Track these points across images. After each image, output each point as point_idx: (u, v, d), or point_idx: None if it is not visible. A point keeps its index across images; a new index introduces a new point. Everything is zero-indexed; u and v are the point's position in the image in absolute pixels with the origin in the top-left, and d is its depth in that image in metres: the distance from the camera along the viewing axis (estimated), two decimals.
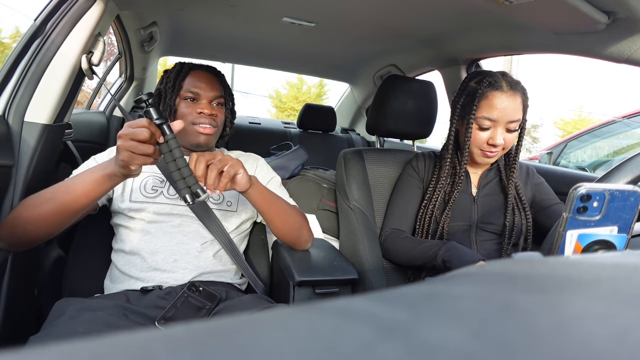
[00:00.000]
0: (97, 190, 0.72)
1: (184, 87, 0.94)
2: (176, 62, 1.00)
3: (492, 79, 0.95)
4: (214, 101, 0.96)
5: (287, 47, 1.83)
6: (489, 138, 0.96)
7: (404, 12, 1.23)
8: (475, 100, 0.95)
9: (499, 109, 0.93)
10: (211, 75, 0.98)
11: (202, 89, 0.94)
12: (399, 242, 1.04)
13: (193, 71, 0.97)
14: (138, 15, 1.34)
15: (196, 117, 0.93)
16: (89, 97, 2.09)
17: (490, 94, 0.94)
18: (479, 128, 0.96)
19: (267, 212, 0.90)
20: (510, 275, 0.20)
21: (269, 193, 0.90)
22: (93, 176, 0.72)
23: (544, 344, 0.11)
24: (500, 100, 0.93)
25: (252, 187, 0.84)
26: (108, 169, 0.71)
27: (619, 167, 0.65)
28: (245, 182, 0.81)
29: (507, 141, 0.96)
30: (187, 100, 0.94)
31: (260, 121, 2.52)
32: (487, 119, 0.94)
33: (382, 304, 0.15)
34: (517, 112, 0.94)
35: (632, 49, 0.90)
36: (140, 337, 0.12)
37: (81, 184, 0.72)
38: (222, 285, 0.90)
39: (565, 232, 0.50)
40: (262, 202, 0.88)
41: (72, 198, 0.72)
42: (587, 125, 4.66)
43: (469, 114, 0.96)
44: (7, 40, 11.62)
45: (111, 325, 0.69)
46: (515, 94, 0.94)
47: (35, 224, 0.73)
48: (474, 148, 0.99)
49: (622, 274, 0.18)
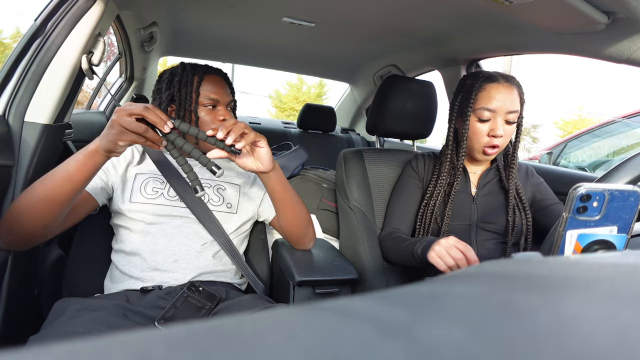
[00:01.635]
0: (81, 171, 0.71)
1: (202, 93, 0.94)
2: (183, 64, 0.98)
3: (488, 74, 0.98)
4: (228, 106, 0.97)
5: (287, 47, 1.84)
6: (489, 130, 0.96)
7: (404, 12, 1.24)
8: (472, 94, 0.97)
9: (497, 99, 0.95)
10: (223, 79, 0.99)
11: (220, 95, 0.95)
12: (389, 242, 1.05)
13: (208, 76, 0.96)
14: (138, 15, 1.34)
15: (218, 125, 0.93)
16: (89, 97, 2.09)
17: (488, 85, 0.96)
18: (478, 120, 0.97)
19: (283, 200, 0.92)
20: (510, 275, 0.20)
21: (286, 181, 0.92)
22: (76, 157, 0.71)
23: (544, 344, 0.11)
24: (498, 91, 0.95)
25: (274, 170, 0.86)
26: (91, 146, 0.70)
27: (619, 167, 0.66)
28: (269, 159, 0.82)
29: (506, 134, 0.97)
30: (207, 107, 0.94)
31: (260, 121, 2.52)
32: (486, 109, 0.95)
33: (382, 304, 0.15)
34: (514, 102, 0.96)
35: (632, 49, 0.90)
36: (140, 337, 0.12)
37: (65, 166, 0.71)
38: (222, 285, 0.90)
39: (565, 232, 0.50)
40: (280, 189, 0.89)
41: (57, 182, 0.71)
42: (587, 125, 4.66)
43: (467, 107, 0.97)
44: (7, 40, 11.63)
45: (111, 325, 0.69)
46: (511, 86, 0.96)
47: (29, 216, 0.72)
48: (474, 144, 0.99)
49: (622, 274, 0.18)
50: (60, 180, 0.71)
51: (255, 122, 2.48)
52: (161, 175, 0.93)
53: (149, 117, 0.68)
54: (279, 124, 2.61)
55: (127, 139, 0.68)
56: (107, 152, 0.70)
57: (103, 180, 0.89)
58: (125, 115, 0.67)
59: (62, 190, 0.71)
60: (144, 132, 0.68)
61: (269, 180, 0.87)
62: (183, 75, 0.95)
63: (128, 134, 0.67)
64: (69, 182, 0.71)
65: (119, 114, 0.67)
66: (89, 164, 0.71)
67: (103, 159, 0.71)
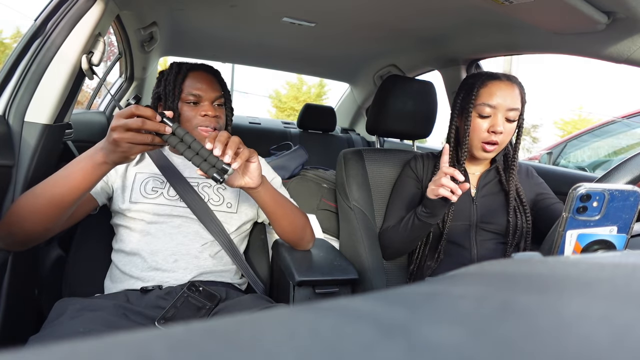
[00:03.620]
0: (87, 180, 0.70)
1: (185, 90, 0.93)
2: (172, 63, 0.98)
3: (489, 72, 1.00)
4: (215, 102, 0.95)
5: (287, 47, 1.83)
6: (490, 126, 0.97)
7: (404, 12, 1.24)
8: (474, 90, 0.98)
9: (498, 95, 0.96)
10: (210, 75, 0.97)
11: (203, 91, 0.93)
12: (388, 234, 1.07)
13: (192, 72, 0.95)
14: (138, 15, 1.34)
15: (201, 120, 0.92)
16: (89, 97, 2.09)
17: (489, 82, 0.98)
18: (479, 116, 0.98)
19: (274, 212, 0.90)
20: (510, 275, 0.20)
21: (276, 193, 0.90)
22: (82, 166, 0.70)
23: (544, 344, 0.11)
24: (499, 88, 0.96)
25: (263, 185, 0.84)
26: (97, 157, 0.69)
27: (619, 167, 0.66)
28: (258, 174, 0.81)
29: (507, 132, 0.97)
30: (189, 104, 0.93)
31: (260, 121, 2.52)
32: (487, 105, 0.96)
33: (382, 304, 0.15)
34: (515, 100, 0.96)
35: (632, 49, 0.90)
36: (140, 337, 0.12)
37: (72, 176, 0.70)
38: (222, 285, 0.90)
39: (565, 232, 0.50)
40: (270, 202, 0.88)
41: (62, 192, 0.70)
42: (587, 125, 4.65)
43: (469, 104, 0.98)
44: (7, 40, 11.63)
45: (111, 325, 0.69)
46: (513, 84, 0.98)
47: (30, 220, 0.72)
48: (474, 140, 0.99)
49: (622, 274, 0.18)
50: (65, 188, 0.70)
51: (255, 122, 2.48)
52: (161, 175, 0.93)
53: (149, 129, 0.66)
54: (279, 124, 2.61)
55: (138, 151, 0.67)
56: (116, 164, 0.69)
57: (103, 180, 0.89)
58: (125, 131, 0.64)
59: (67, 197, 0.71)
60: (151, 141, 0.67)
61: (257, 195, 0.85)
62: (170, 73, 0.95)
63: (137, 147, 0.66)
64: (76, 189, 0.70)
65: (119, 132, 0.64)
66: (96, 173, 0.70)
67: (112, 167, 0.71)
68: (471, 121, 0.98)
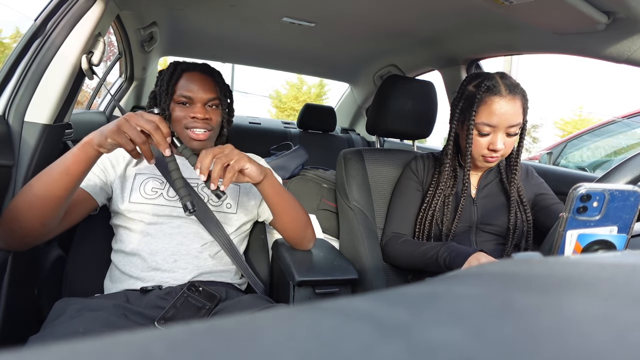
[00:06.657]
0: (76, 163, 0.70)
1: (177, 90, 0.93)
2: (170, 63, 0.98)
3: (491, 83, 0.93)
4: (207, 103, 0.94)
5: (287, 47, 1.83)
6: (489, 143, 0.95)
7: (404, 12, 1.24)
8: (474, 106, 0.94)
9: (498, 115, 0.92)
10: (205, 76, 0.95)
11: (195, 92, 0.92)
12: (399, 247, 1.03)
13: (186, 73, 0.94)
14: (138, 15, 1.34)
15: (190, 122, 0.92)
16: (89, 97, 2.09)
17: (489, 99, 0.92)
18: (478, 134, 0.95)
19: (278, 206, 0.91)
20: (510, 275, 0.20)
21: (280, 187, 0.91)
22: (71, 151, 0.71)
23: (544, 344, 0.11)
24: (500, 106, 0.92)
25: (266, 179, 0.84)
26: (85, 138, 0.70)
27: (619, 167, 0.65)
28: (256, 174, 0.81)
29: (507, 145, 0.95)
30: (181, 105, 0.93)
31: (260, 121, 2.52)
32: (486, 124, 0.93)
33: (382, 304, 0.15)
34: (516, 116, 0.93)
35: (632, 49, 0.90)
36: (140, 337, 0.12)
37: (61, 160, 0.72)
38: (221, 285, 0.90)
39: (565, 232, 0.50)
40: (274, 195, 0.89)
41: (54, 178, 0.71)
42: (587, 125, 4.65)
43: (469, 120, 0.95)
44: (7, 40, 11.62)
45: (111, 325, 0.69)
46: (514, 98, 0.92)
47: (27, 213, 0.72)
48: (475, 154, 0.98)
49: (622, 274, 0.18)
50: (56, 174, 0.71)
51: (255, 122, 2.48)
52: (161, 175, 0.93)
53: (154, 137, 0.68)
54: (279, 124, 2.61)
55: (118, 141, 0.68)
56: (98, 146, 0.70)
57: (102, 180, 0.89)
58: (133, 123, 0.67)
59: (58, 185, 0.71)
60: (141, 143, 0.68)
61: (261, 188, 0.86)
62: (166, 73, 0.95)
63: (122, 136, 0.67)
64: (65, 175, 0.71)
65: (129, 119, 0.68)
66: (81, 156, 0.70)
67: (94, 152, 0.70)
68: (472, 138, 0.96)
